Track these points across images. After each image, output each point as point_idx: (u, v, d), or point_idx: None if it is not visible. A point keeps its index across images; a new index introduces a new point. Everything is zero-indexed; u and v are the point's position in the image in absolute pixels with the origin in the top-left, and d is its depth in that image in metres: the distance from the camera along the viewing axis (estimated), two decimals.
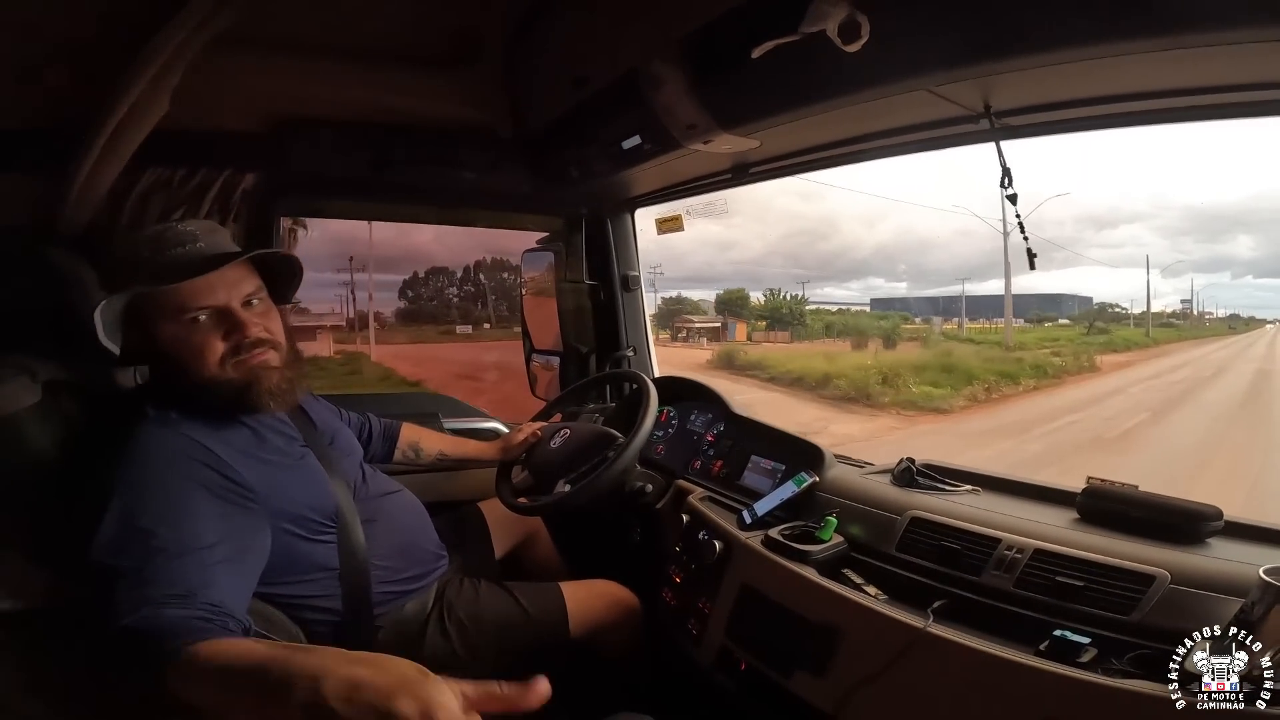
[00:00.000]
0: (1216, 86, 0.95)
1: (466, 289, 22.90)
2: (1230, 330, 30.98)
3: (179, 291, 1.05)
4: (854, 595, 1.12)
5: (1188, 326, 30.37)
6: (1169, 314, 33.35)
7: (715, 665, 1.32)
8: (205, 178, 1.52)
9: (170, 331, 1.06)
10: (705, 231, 40.97)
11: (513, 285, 20.51)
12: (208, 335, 1.07)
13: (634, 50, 1.29)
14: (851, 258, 59.85)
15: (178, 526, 0.92)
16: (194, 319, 1.07)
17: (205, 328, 1.07)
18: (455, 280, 22.70)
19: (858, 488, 1.38)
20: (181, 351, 1.06)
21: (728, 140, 1.36)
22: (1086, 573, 0.99)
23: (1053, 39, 0.86)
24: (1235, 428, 10.54)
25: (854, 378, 14.14)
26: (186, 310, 1.06)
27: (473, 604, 1.37)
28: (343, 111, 1.67)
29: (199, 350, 1.06)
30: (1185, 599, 0.91)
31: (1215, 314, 35.07)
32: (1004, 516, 1.18)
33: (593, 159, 1.64)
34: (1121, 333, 25.86)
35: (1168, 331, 29.32)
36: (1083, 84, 1.00)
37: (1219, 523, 1.04)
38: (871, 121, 1.27)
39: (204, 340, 1.07)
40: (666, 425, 1.88)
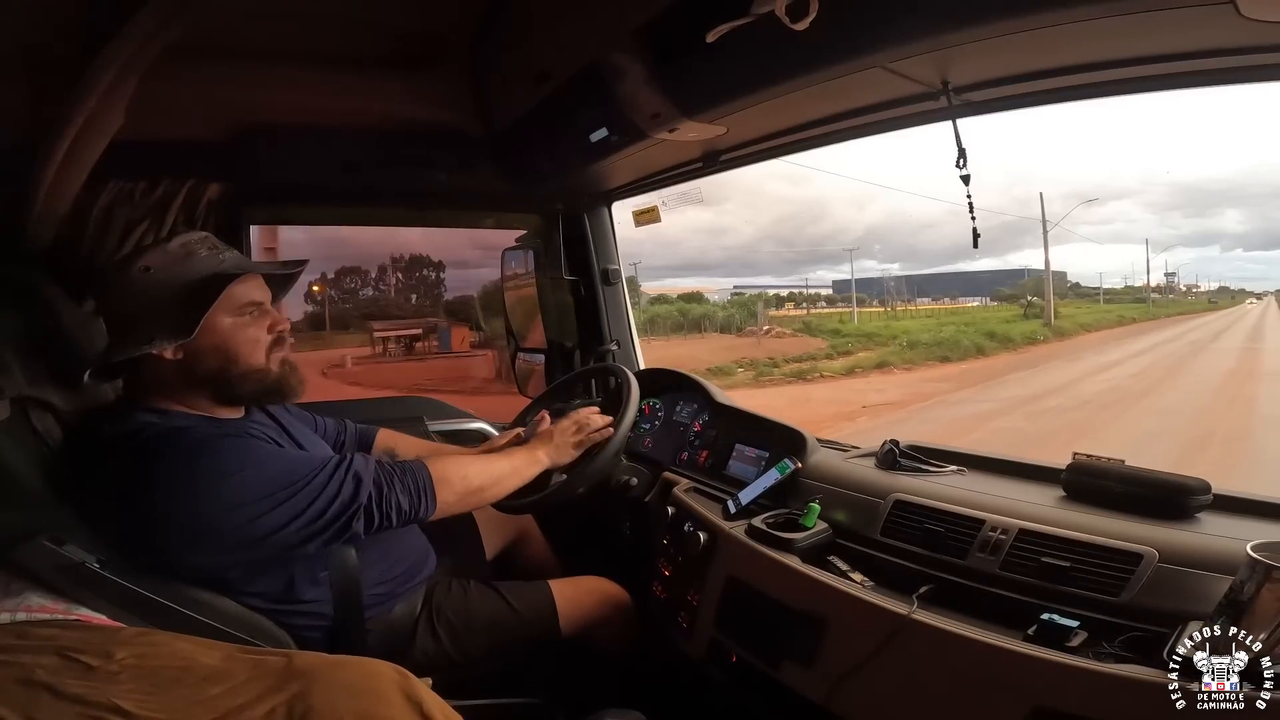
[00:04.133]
0: (1171, 54, 0.93)
1: (382, 289, 21.24)
2: (1211, 305, 30.65)
3: (242, 287, 1.16)
4: (839, 583, 1.11)
5: (1165, 301, 30.17)
6: (1153, 288, 33.36)
7: (706, 658, 1.32)
8: (169, 188, 1.50)
9: (227, 324, 1.14)
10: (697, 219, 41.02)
11: (434, 282, 19.29)
12: (258, 328, 1.18)
13: (593, 43, 1.28)
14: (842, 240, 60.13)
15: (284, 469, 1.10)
16: (249, 312, 1.17)
17: (256, 321, 1.18)
18: (370, 280, 21.12)
19: (841, 472, 1.36)
20: (236, 342, 1.15)
21: (693, 128, 1.34)
22: (1073, 553, 0.98)
23: (1007, 8, 0.84)
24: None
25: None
26: (242, 305, 1.16)
27: (462, 605, 1.37)
28: (309, 117, 1.66)
29: (253, 340, 1.16)
30: (1175, 578, 0.90)
31: (1200, 287, 35.11)
32: (988, 496, 1.16)
33: (563, 154, 1.63)
34: (1068, 309, 25.41)
35: (1136, 308, 28.74)
36: (1042, 56, 0.99)
37: (1207, 497, 1.02)
38: (833, 103, 1.26)
39: (257, 332, 1.17)
40: (652, 417, 1.87)
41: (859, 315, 27.49)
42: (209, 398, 1.16)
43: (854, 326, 23.53)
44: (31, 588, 0.99)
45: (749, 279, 49.71)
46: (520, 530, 1.75)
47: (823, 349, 18.44)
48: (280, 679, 0.85)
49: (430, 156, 1.76)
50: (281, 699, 0.82)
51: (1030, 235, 37.31)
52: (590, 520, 1.82)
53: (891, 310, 30.16)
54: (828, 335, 20.74)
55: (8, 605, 0.95)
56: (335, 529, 1.10)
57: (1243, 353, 17.53)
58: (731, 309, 24.17)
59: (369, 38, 1.54)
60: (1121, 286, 32.23)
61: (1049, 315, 22.21)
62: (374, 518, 1.13)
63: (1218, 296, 32.66)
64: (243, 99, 1.54)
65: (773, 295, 33.96)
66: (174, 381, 1.14)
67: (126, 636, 0.93)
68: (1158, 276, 36.44)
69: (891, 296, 32.17)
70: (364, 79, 1.60)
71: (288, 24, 1.42)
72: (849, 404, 11.97)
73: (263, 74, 1.49)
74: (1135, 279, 30.75)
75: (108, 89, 1.14)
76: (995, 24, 0.86)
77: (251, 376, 1.16)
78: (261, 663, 0.89)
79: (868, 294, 33.18)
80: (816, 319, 25.87)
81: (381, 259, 20.56)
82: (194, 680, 0.85)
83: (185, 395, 1.15)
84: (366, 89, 1.62)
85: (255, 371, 1.17)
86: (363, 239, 18.93)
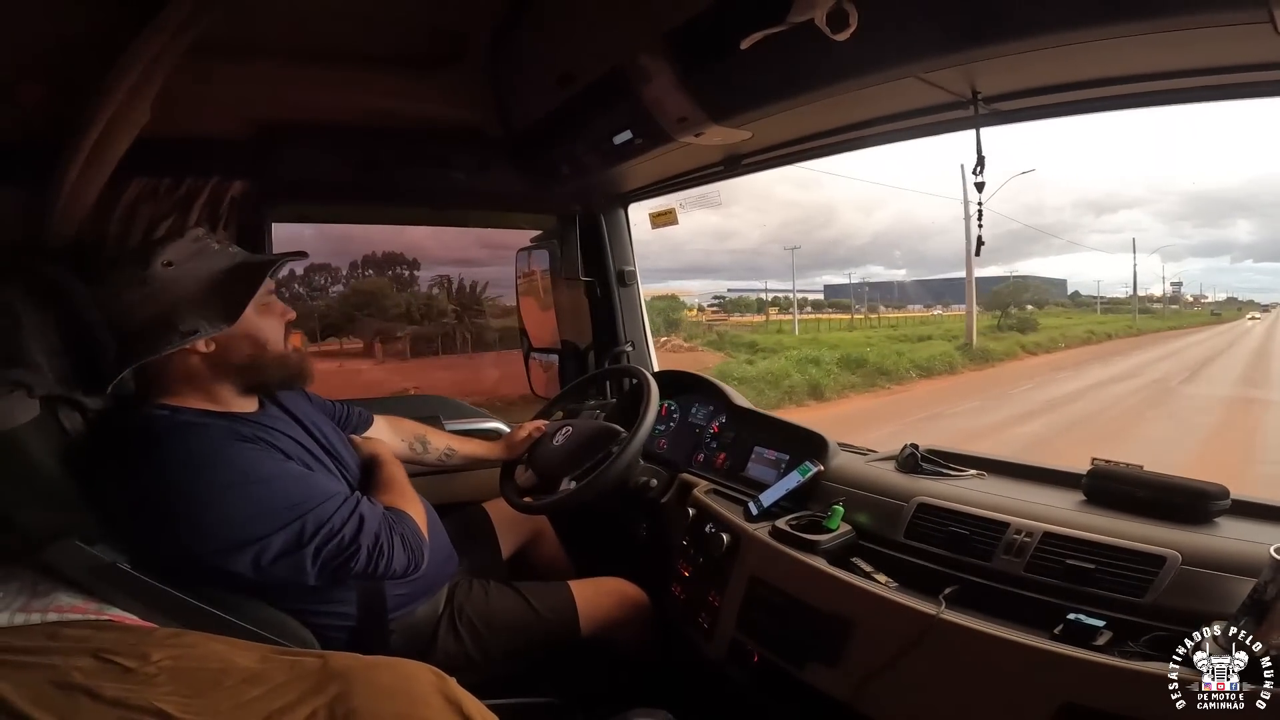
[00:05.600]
0: (1204, 69, 0.95)
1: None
2: (1215, 318, 29.74)
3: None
4: (865, 584, 1.13)
5: (1167, 312, 29.52)
6: (1157, 298, 33.24)
7: (728, 659, 1.33)
8: (193, 185, 1.50)
9: (254, 312, 1.16)
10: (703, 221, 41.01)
11: (408, 280, 18.48)
12: (279, 318, 1.22)
13: (620, 46, 1.28)
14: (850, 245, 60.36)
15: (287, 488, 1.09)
16: (270, 304, 1.21)
17: (277, 310, 1.22)
18: (341, 278, 19.29)
19: (863, 475, 1.38)
20: (264, 329, 1.18)
21: (719, 132, 1.35)
22: (1097, 555, 1.00)
23: (1038, 23, 0.86)
24: None
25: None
26: (265, 296, 1.19)
27: (483, 605, 1.37)
28: (330, 115, 1.65)
29: (276, 329, 1.20)
30: (1198, 580, 0.92)
31: (1208, 297, 35.04)
32: (1011, 500, 1.18)
33: (583, 155, 1.63)
34: (1050, 320, 23.19)
35: (1119, 321, 26.60)
36: (1069, 68, 1.00)
37: (1226, 501, 1.04)
38: (861, 110, 1.26)
39: (278, 322, 1.21)
40: (668, 419, 1.87)
41: (807, 324, 26.02)
42: (233, 388, 1.17)
43: (794, 338, 21.63)
44: (61, 588, 0.98)
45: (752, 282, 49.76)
46: (534, 530, 1.76)
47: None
48: (318, 681, 0.85)
49: (449, 156, 1.76)
50: (322, 701, 0.82)
51: (1039, 244, 37.35)
52: (604, 520, 1.83)
53: (852, 319, 28.61)
54: (743, 349, 18.48)
55: (37, 606, 0.95)
56: (332, 567, 1.09)
57: (1230, 410, 10.72)
58: (656, 317, 22.22)
59: (391, 36, 1.53)
60: (1125, 296, 32.15)
61: (970, 333, 17.78)
62: (370, 563, 1.11)
63: (1221, 308, 32.42)
64: (266, 96, 1.53)
65: (755, 299, 33.91)
66: (202, 374, 1.14)
67: (160, 637, 0.92)
68: (1165, 286, 36.37)
69: (855, 302, 31.74)
70: (385, 77, 1.59)
71: (311, 21, 1.41)
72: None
73: (285, 71, 1.48)
74: (1143, 288, 30.56)
75: (134, 85, 1.14)
76: (1032, 38, 0.87)
77: (279, 362, 1.20)
78: (298, 664, 0.88)
79: (869, 299, 32.99)
80: (733, 330, 23.43)
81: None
82: (233, 682, 0.84)
83: (210, 387, 1.15)
84: (387, 87, 1.62)
85: (282, 357, 1.21)
86: (373, 236, 18.47)
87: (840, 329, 25.73)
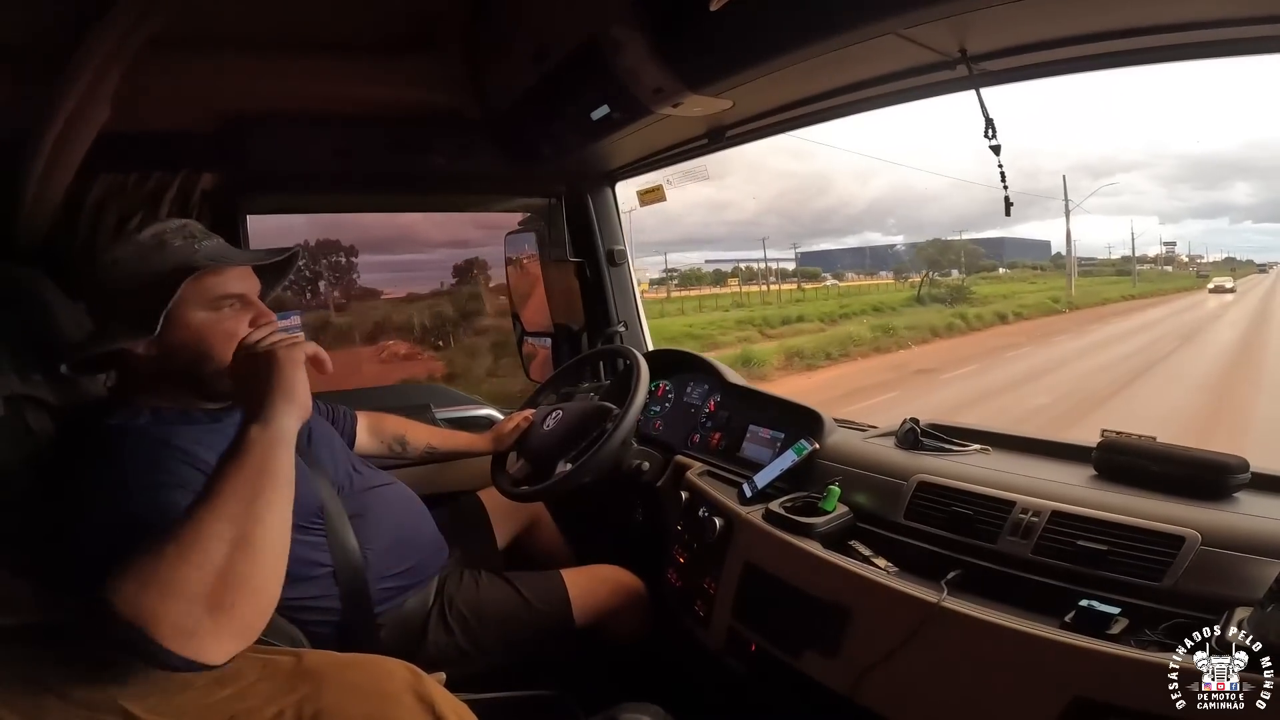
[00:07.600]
0: (1202, 22, 0.87)
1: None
2: (1200, 280, 28.70)
3: (216, 279, 1.09)
4: (862, 570, 1.07)
5: (1156, 274, 28.51)
6: (1150, 259, 32.53)
7: (724, 648, 1.29)
8: (161, 179, 1.47)
9: (200, 319, 1.07)
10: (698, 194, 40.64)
11: (347, 268, 19.05)
12: (238, 322, 1.09)
13: (590, 16, 1.23)
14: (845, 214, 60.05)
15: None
16: (227, 305, 1.09)
17: (235, 314, 1.10)
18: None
19: (861, 453, 1.32)
20: (211, 337, 1.07)
21: (698, 102, 1.29)
22: (1110, 535, 0.93)
23: None
24: None
25: None
26: (220, 297, 1.09)
27: (474, 596, 1.35)
28: (301, 104, 1.62)
29: (229, 335, 1.07)
30: (1220, 561, 0.85)
31: (1206, 258, 34.40)
32: (1017, 477, 1.12)
33: (564, 134, 1.58)
34: (997, 289, 22.88)
35: (1096, 283, 26.26)
36: (1062, 22, 0.94)
37: (1246, 475, 0.98)
38: (844, 73, 1.20)
39: (235, 326, 1.08)
40: (663, 399, 1.83)
41: (757, 294, 25.08)
42: (191, 393, 1.11)
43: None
44: (30, 588, 0.97)
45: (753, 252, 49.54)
46: (531, 518, 1.74)
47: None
48: (289, 680, 0.84)
49: (428, 141, 1.72)
50: (290, 701, 0.81)
51: (1036, 207, 36.99)
52: (601, 506, 1.80)
53: (801, 289, 27.62)
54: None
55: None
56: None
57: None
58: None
59: (360, 21, 1.49)
60: (1119, 257, 31.48)
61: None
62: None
63: (1213, 269, 31.62)
64: (233, 88, 1.49)
65: (712, 271, 33.20)
66: (153, 376, 1.09)
67: None
68: (1159, 247, 35.88)
69: (823, 270, 30.89)
70: (357, 64, 1.55)
71: (275, 10, 1.37)
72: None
73: (252, 62, 1.44)
74: (1140, 249, 29.99)
75: (91, 82, 1.12)
76: None
77: (219, 376, 1.06)
78: (271, 663, 0.87)
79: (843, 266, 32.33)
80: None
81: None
82: (203, 683, 0.82)
83: (167, 390, 1.10)
84: (360, 74, 1.57)
85: (222, 372, 1.07)
86: (366, 221, 18.44)
87: (790, 300, 24.37)
